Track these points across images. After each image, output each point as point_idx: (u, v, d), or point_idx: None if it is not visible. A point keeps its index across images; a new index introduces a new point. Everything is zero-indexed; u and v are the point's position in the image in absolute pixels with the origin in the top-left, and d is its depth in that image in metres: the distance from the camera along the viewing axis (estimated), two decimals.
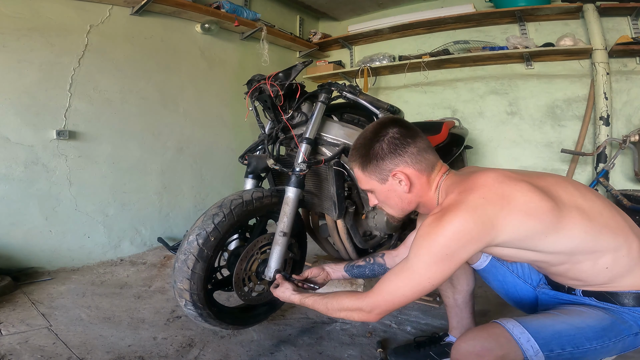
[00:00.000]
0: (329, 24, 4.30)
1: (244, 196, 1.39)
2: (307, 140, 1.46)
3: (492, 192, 0.90)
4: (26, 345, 1.44)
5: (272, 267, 1.41)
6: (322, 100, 1.51)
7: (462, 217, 0.88)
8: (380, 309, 0.97)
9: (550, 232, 0.90)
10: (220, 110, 3.21)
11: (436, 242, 0.89)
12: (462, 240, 0.88)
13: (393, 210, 1.10)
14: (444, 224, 0.88)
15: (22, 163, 2.16)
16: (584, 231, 0.91)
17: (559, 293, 1.06)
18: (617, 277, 0.94)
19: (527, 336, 0.87)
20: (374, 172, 1.03)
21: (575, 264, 0.95)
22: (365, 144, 1.04)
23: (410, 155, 1.01)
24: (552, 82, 3.26)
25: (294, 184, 1.42)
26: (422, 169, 1.02)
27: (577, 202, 0.94)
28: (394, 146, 1.00)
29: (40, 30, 2.19)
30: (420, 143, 1.02)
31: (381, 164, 1.02)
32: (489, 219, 0.88)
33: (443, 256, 0.89)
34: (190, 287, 1.27)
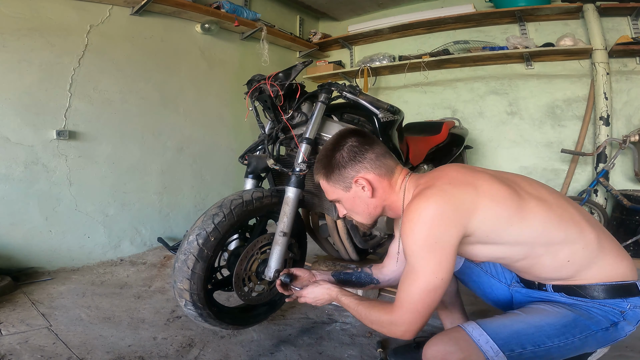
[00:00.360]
0: (329, 24, 4.30)
1: (244, 196, 1.39)
2: (307, 140, 1.46)
3: (457, 179, 0.96)
4: (26, 345, 1.44)
5: (272, 267, 1.41)
6: (322, 101, 1.51)
7: (434, 200, 0.91)
8: (409, 321, 0.94)
9: (514, 221, 0.93)
10: (220, 110, 3.21)
11: (420, 232, 0.90)
12: (442, 223, 0.90)
13: (361, 217, 1.12)
14: (419, 211, 0.90)
15: (22, 163, 2.16)
16: (544, 221, 0.94)
17: (530, 290, 1.09)
18: (580, 270, 0.96)
19: (485, 337, 0.90)
20: (338, 181, 1.07)
21: (536, 258, 0.97)
22: (327, 155, 1.08)
23: (370, 161, 1.05)
24: (552, 82, 3.26)
25: (294, 184, 1.43)
26: (382, 173, 1.06)
27: (536, 193, 0.98)
28: (353, 154, 1.04)
29: (40, 30, 2.19)
30: (378, 149, 1.07)
31: (343, 172, 1.05)
32: (459, 200, 0.91)
33: (432, 244, 0.90)
34: (190, 287, 1.27)
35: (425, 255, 0.90)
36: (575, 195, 3.01)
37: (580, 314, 0.95)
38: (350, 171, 1.05)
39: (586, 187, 2.93)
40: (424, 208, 0.90)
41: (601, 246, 0.96)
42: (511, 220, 0.93)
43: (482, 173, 0.99)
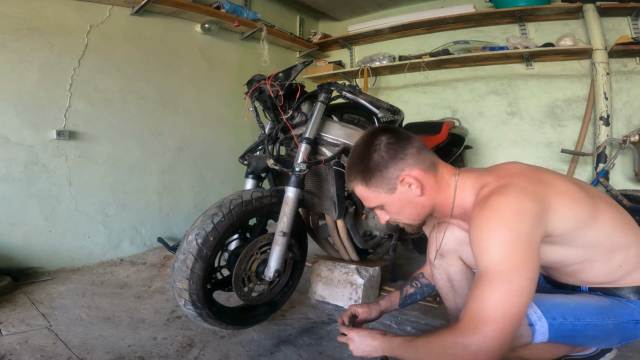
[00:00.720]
0: (329, 24, 4.30)
1: (243, 196, 1.39)
2: (307, 140, 1.46)
3: (532, 177, 0.88)
4: (26, 345, 1.44)
5: (272, 267, 1.41)
6: (322, 100, 1.51)
7: (515, 195, 0.82)
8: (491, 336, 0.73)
9: (590, 223, 0.88)
10: (220, 110, 3.21)
11: (500, 227, 0.79)
12: (526, 219, 0.79)
13: (409, 219, 1.02)
14: (499, 206, 0.81)
15: (22, 163, 2.16)
16: (613, 225, 0.91)
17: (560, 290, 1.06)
18: (626, 275, 0.94)
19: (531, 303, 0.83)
20: (380, 184, 0.96)
21: (591, 263, 0.93)
22: (362, 158, 0.97)
23: (412, 156, 0.95)
24: (552, 82, 3.26)
25: (294, 184, 1.43)
26: (427, 167, 0.97)
27: (602, 196, 0.94)
28: (393, 151, 0.95)
29: (40, 30, 2.19)
30: (417, 143, 0.98)
31: (385, 173, 0.95)
32: (542, 198, 0.83)
33: (515, 239, 0.78)
34: (190, 286, 1.26)
35: (507, 252, 0.78)
36: None
37: (616, 302, 0.94)
38: (394, 170, 0.94)
39: None
40: (504, 203, 0.81)
41: None
42: (588, 222, 0.88)
43: (550, 171, 0.94)
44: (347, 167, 1.03)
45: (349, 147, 1.61)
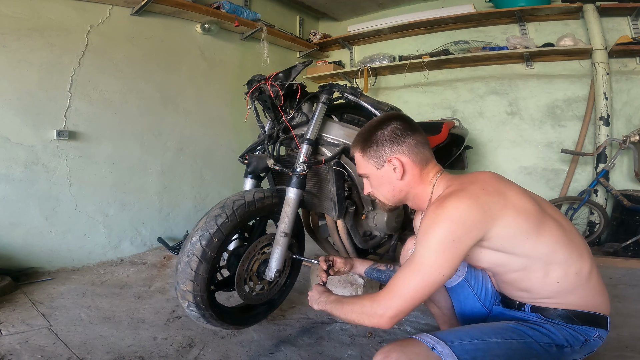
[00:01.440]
0: (329, 24, 4.30)
1: (245, 197, 1.39)
2: (308, 141, 1.46)
3: (490, 186, 0.98)
4: (26, 345, 1.44)
5: (273, 267, 1.41)
6: (324, 102, 1.51)
7: (465, 202, 0.93)
8: (392, 312, 0.94)
9: (532, 235, 0.96)
10: (220, 110, 3.21)
11: (442, 228, 0.91)
12: (467, 225, 0.91)
13: (384, 196, 1.16)
14: (449, 209, 0.92)
15: (22, 163, 2.16)
16: (556, 241, 0.98)
17: (510, 310, 1.11)
18: (561, 293, 1.00)
19: (425, 335, 0.94)
20: (372, 157, 1.11)
21: (529, 273, 1.00)
22: (369, 131, 1.12)
23: (408, 146, 1.08)
24: (552, 82, 3.27)
25: (295, 185, 1.42)
26: (417, 160, 1.09)
27: (554, 215, 1.03)
28: (394, 135, 1.08)
29: (40, 30, 2.19)
30: (419, 138, 1.10)
31: (380, 150, 1.09)
32: (489, 207, 0.93)
33: (450, 242, 0.91)
34: (194, 288, 1.26)
35: (439, 250, 0.92)
36: (576, 196, 3.01)
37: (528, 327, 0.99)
38: (387, 150, 1.09)
39: (586, 187, 2.93)
40: (453, 207, 0.92)
41: (590, 278, 1.00)
42: (529, 234, 0.96)
43: (513, 185, 1.03)
44: (357, 135, 1.17)
45: (348, 147, 1.61)
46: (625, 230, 2.69)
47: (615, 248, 2.65)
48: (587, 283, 1.00)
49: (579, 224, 3.05)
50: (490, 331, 0.97)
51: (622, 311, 1.78)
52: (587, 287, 1.00)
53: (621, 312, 1.77)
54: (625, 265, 2.46)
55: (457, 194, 0.95)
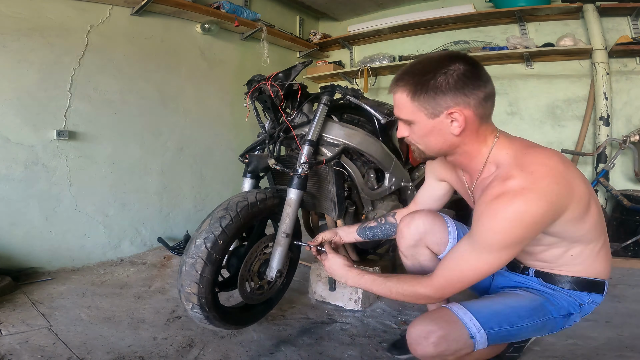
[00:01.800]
0: (329, 24, 4.30)
1: (248, 198, 1.39)
2: (310, 142, 1.46)
3: (563, 178, 0.88)
4: (26, 345, 1.44)
5: (274, 267, 1.41)
6: (325, 103, 1.51)
7: (541, 206, 0.84)
8: (442, 293, 0.98)
9: (578, 221, 0.94)
10: (220, 110, 3.21)
11: (507, 232, 0.86)
12: (537, 227, 0.88)
13: (427, 147, 1.00)
14: (520, 213, 0.84)
15: (22, 163, 2.16)
16: (593, 224, 0.97)
17: (512, 274, 1.15)
18: (572, 264, 1.03)
19: (469, 315, 0.97)
20: (427, 104, 0.91)
21: (551, 247, 1.01)
22: (426, 71, 0.91)
23: (477, 98, 0.90)
24: (552, 82, 3.26)
25: (296, 186, 1.42)
26: (480, 115, 0.93)
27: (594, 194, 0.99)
28: (462, 83, 0.89)
29: (40, 30, 2.19)
30: (489, 90, 0.93)
31: (440, 98, 0.90)
32: (560, 206, 0.88)
33: (512, 244, 0.88)
34: (199, 290, 1.25)
35: (503, 249, 0.89)
36: None
37: (546, 300, 1.04)
38: (449, 101, 0.90)
39: None
40: (527, 213, 0.84)
41: (601, 250, 1.02)
42: (577, 221, 0.93)
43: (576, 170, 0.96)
44: (402, 70, 0.96)
45: (348, 147, 1.61)
46: (625, 230, 2.69)
47: (615, 248, 2.65)
48: (597, 256, 1.02)
49: None
50: (524, 314, 0.99)
51: (622, 311, 1.78)
52: (595, 259, 1.02)
53: (621, 312, 1.77)
54: (625, 265, 2.46)
55: (531, 193, 0.84)
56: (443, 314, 0.99)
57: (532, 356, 1.40)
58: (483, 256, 0.90)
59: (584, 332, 1.56)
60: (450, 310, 0.99)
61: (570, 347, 1.47)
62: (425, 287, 0.98)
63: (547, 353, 1.42)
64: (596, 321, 1.65)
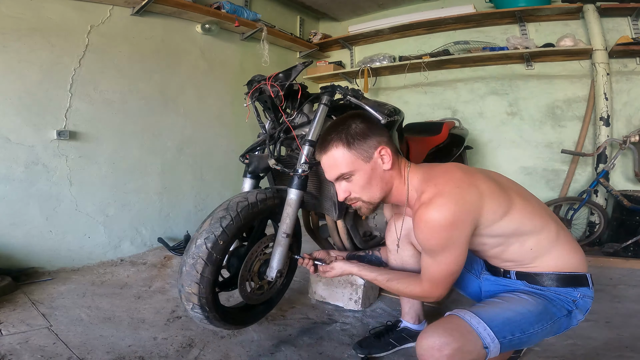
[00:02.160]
0: (329, 25, 4.31)
1: (249, 198, 1.39)
2: (310, 142, 1.45)
3: (463, 182, 1.02)
4: (26, 345, 1.44)
5: (274, 267, 1.41)
6: (325, 103, 1.51)
7: (447, 208, 0.98)
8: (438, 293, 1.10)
9: (505, 215, 1.03)
10: (221, 110, 3.21)
11: (438, 239, 1.00)
12: (456, 225, 0.99)
13: (371, 196, 1.14)
14: (435, 220, 0.98)
15: (22, 163, 2.16)
16: (522, 214, 1.05)
17: (497, 278, 1.19)
18: (538, 257, 1.08)
19: (483, 325, 0.98)
20: (360, 149, 1.09)
21: (507, 246, 1.09)
22: (343, 128, 1.10)
23: (386, 137, 1.11)
24: (553, 82, 3.26)
25: (297, 186, 1.41)
26: (394, 150, 1.12)
27: (516, 189, 1.10)
28: (374, 126, 1.11)
29: (40, 31, 2.20)
30: (386, 133, 1.14)
31: (367, 140, 1.08)
32: (469, 203, 1.00)
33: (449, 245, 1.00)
34: (199, 291, 1.25)
35: (445, 251, 1.01)
36: (576, 196, 3.01)
37: (547, 302, 1.06)
38: (373, 141, 1.08)
39: (586, 187, 2.93)
40: (440, 217, 0.97)
41: (558, 238, 1.08)
42: (503, 215, 1.03)
43: (478, 172, 1.08)
44: (323, 135, 1.14)
45: None
46: (626, 231, 2.69)
47: (615, 248, 2.65)
48: (557, 242, 1.08)
49: (579, 224, 3.05)
50: (533, 320, 1.03)
51: (622, 311, 1.78)
52: (558, 247, 1.08)
53: (621, 312, 1.77)
54: (625, 265, 2.46)
55: (438, 201, 0.99)
56: (456, 324, 0.99)
57: (532, 356, 1.41)
58: (437, 259, 1.04)
59: (584, 332, 1.56)
60: (463, 320, 0.99)
61: (570, 347, 1.47)
62: (419, 289, 1.12)
63: (547, 353, 1.43)
64: (596, 321, 1.65)
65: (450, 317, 1.02)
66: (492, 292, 1.19)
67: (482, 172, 1.09)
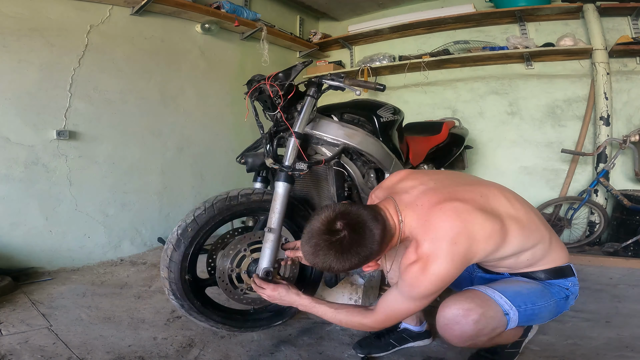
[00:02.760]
0: (329, 24, 4.30)
1: (230, 193, 1.42)
2: (297, 135, 1.43)
3: (460, 235, 1.01)
4: (26, 345, 1.44)
5: (261, 265, 1.37)
6: (311, 95, 1.50)
7: (443, 267, 1.00)
8: (383, 325, 1.16)
9: (500, 248, 1.07)
10: (220, 110, 3.21)
11: (424, 289, 1.03)
12: (446, 281, 1.03)
13: None
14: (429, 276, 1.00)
15: (22, 163, 2.16)
16: (519, 240, 1.09)
17: (492, 275, 1.25)
18: (533, 264, 1.15)
19: (499, 294, 1.04)
20: (350, 269, 1.06)
21: (502, 260, 1.13)
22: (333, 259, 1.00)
23: (371, 251, 1.02)
24: (553, 82, 3.26)
25: (283, 179, 1.38)
26: (380, 246, 1.03)
27: (514, 213, 1.10)
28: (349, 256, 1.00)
29: (40, 31, 2.19)
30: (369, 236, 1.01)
31: (352, 269, 1.06)
32: (464, 259, 1.02)
33: (432, 294, 1.05)
34: (169, 276, 1.33)
35: (424, 299, 1.06)
36: (576, 195, 3.01)
37: (545, 285, 1.15)
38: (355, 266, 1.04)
39: (586, 187, 2.93)
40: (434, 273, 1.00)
41: (551, 244, 1.15)
42: (498, 249, 1.07)
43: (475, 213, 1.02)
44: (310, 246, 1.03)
45: (348, 147, 1.61)
46: (626, 230, 2.69)
47: (615, 248, 2.65)
48: (550, 249, 1.15)
49: (579, 224, 3.05)
50: (539, 294, 1.11)
51: (622, 311, 1.78)
52: (551, 252, 1.16)
53: (621, 312, 1.77)
54: (625, 265, 2.46)
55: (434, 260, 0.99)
56: (474, 294, 1.06)
57: (532, 356, 1.40)
58: (408, 302, 1.08)
59: (584, 332, 1.56)
60: (479, 291, 1.06)
61: (571, 347, 1.47)
62: (369, 320, 1.15)
63: (547, 353, 1.42)
64: (596, 321, 1.65)
65: (466, 290, 1.09)
66: (486, 280, 1.25)
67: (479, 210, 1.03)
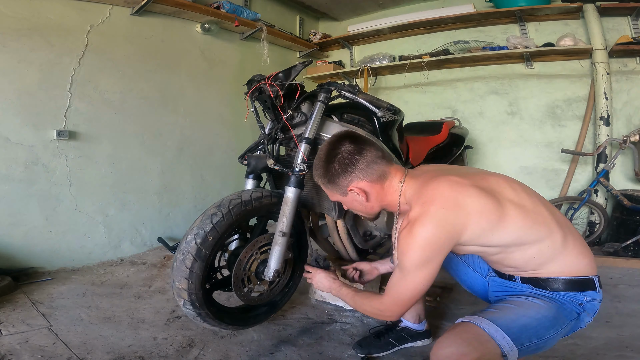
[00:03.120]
0: (329, 24, 4.30)
1: (243, 196, 1.39)
2: (307, 140, 1.46)
3: (449, 202, 1.02)
4: (26, 345, 1.44)
5: (272, 267, 1.41)
6: (322, 100, 1.51)
7: (429, 228, 1.01)
8: (397, 311, 1.12)
9: (495, 230, 1.03)
10: (221, 110, 3.21)
11: (414, 255, 1.02)
12: (435, 247, 1.02)
13: (361, 213, 1.26)
14: (415, 238, 1.01)
15: (22, 163, 2.16)
16: (520, 226, 1.04)
17: (504, 280, 1.19)
18: (543, 264, 1.07)
19: (501, 333, 0.97)
20: (335, 189, 1.17)
21: (508, 254, 1.09)
22: (322, 166, 1.16)
23: (361, 170, 1.12)
24: (552, 82, 3.26)
25: (294, 184, 1.42)
26: (375, 179, 1.13)
27: (516, 200, 1.07)
28: (344, 165, 1.12)
29: (40, 31, 2.19)
30: (369, 156, 1.13)
31: (338, 181, 1.14)
32: (451, 225, 1.01)
33: (424, 263, 1.03)
34: (189, 286, 1.26)
35: (418, 269, 1.03)
36: (576, 195, 3.01)
37: (558, 306, 1.06)
38: (344, 180, 1.13)
39: (586, 187, 2.93)
40: (420, 235, 1.00)
41: (565, 244, 1.06)
42: (493, 229, 1.03)
43: (470, 188, 1.05)
44: (314, 165, 1.20)
45: None
46: (625, 230, 2.69)
47: (615, 248, 2.65)
48: (564, 250, 1.06)
49: (579, 224, 3.05)
50: (548, 325, 1.03)
51: (622, 311, 1.78)
52: (565, 254, 1.06)
53: (621, 312, 1.77)
54: (625, 265, 2.46)
55: (421, 221, 1.01)
56: (474, 333, 0.97)
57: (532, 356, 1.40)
58: (408, 277, 1.05)
59: (584, 332, 1.55)
60: (480, 328, 0.98)
61: (570, 347, 1.47)
62: (382, 305, 1.15)
63: (547, 353, 1.41)
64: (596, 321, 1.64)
65: (466, 324, 1.01)
66: (499, 295, 1.19)
67: (475, 186, 1.05)
